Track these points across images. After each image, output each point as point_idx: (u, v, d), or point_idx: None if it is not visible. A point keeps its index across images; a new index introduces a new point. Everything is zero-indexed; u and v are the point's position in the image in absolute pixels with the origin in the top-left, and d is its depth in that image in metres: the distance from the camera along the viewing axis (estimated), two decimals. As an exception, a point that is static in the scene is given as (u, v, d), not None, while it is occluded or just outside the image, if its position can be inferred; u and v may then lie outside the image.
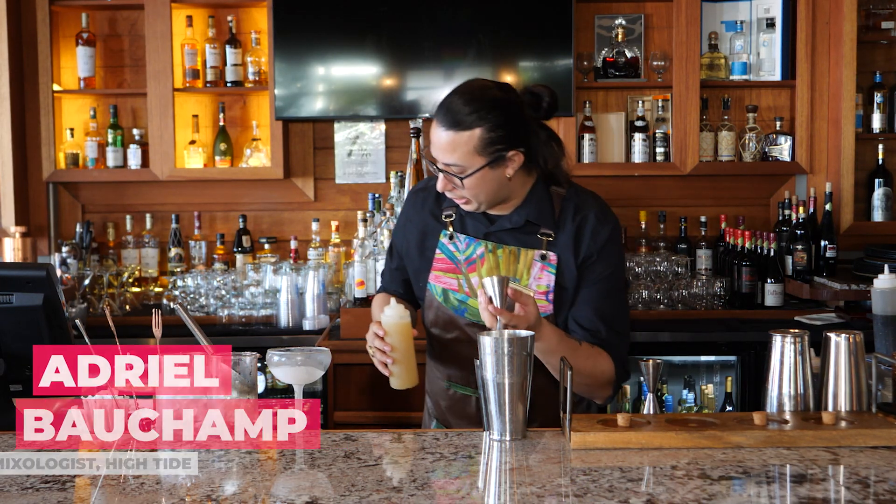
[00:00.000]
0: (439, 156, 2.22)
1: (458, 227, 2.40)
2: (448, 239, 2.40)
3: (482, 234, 2.36)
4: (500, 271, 2.32)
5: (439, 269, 2.41)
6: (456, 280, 2.38)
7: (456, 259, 2.39)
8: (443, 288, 2.39)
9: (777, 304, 4.13)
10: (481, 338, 1.94)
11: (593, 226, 2.31)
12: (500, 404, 1.93)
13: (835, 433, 1.88)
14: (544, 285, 2.30)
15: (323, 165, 4.58)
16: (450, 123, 2.19)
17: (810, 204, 4.32)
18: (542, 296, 2.30)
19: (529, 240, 2.33)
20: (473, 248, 2.37)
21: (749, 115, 4.45)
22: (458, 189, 2.26)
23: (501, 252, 2.34)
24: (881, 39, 4.44)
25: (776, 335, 2.06)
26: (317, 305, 3.94)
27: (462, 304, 2.37)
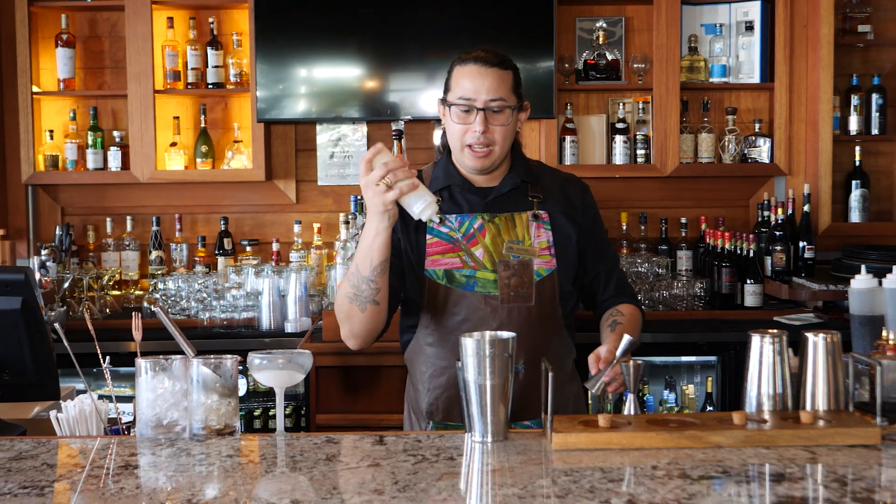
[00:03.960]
0: (484, 93, 2.39)
1: (451, 209, 2.50)
2: (438, 223, 2.47)
3: (481, 206, 2.49)
4: (502, 238, 2.46)
5: (435, 252, 2.46)
6: (458, 258, 2.45)
7: (452, 239, 2.46)
8: (444, 270, 2.44)
9: (756, 305, 4.15)
10: (463, 339, 1.94)
11: (581, 186, 2.60)
12: (482, 406, 1.93)
13: (813, 432, 1.89)
14: (545, 241, 2.49)
15: (305, 167, 4.58)
16: (493, 61, 2.40)
17: (789, 205, 4.35)
18: (545, 251, 2.48)
19: (521, 203, 2.51)
20: (469, 223, 2.47)
21: (728, 118, 4.47)
22: (492, 132, 2.42)
23: (499, 220, 2.49)
24: (858, 42, 4.47)
25: (755, 335, 2.07)
26: (299, 308, 3.93)
27: (471, 279, 2.44)
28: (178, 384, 1.98)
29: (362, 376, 3.65)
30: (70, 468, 1.83)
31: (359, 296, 2.34)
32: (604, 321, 2.56)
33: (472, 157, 2.45)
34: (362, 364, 3.63)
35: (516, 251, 2.45)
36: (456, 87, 2.43)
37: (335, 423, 3.59)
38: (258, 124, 4.30)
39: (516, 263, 2.44)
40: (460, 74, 2.43)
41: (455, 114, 2.43)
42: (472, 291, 2.43)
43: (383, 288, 2.34)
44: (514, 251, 2.45)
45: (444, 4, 4.22)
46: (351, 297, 2.36)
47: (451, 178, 2.52)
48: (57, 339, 2.25)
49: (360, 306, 2.35)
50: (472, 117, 2.42)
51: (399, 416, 3.61)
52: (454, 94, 2.43)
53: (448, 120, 2.46)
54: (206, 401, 1.99)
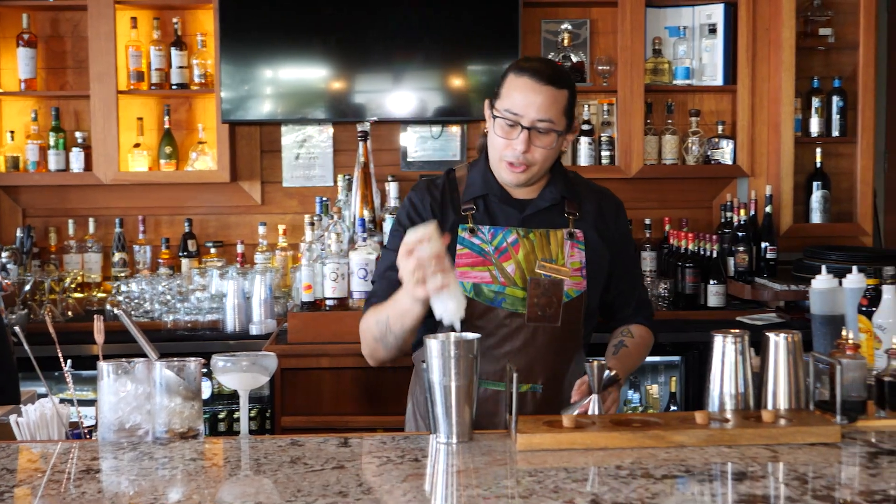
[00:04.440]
0: (533, 111, 2.30)
1: (484, 220, 2.42)
2: (469, 233, 2.40)
3: (518, 220, 2.42)
4: (535, 255, 2.38)
5: (465, 264, 2.38)
6: (488, 272, 2.37)
7: (483, 251, 2.38)
8: (473, 283, 2.37)
9: (719, 305, 4.19)
10: (427, 341, 1.95)
11: (616, 203, 2.55)
12: (447, 407, 1.93)
13: (774, 431, 1.91)
14: (577, 262, 2.41)
15: (270, 169, 4.56)
16: (549, 78, 2.30)
17: (751, 206, 4.38)
18: (577, 272, 2.41)
19: (557, 220, 2.44)
20: (503, 237, 2.40)
21: (692, 119, 4.50)
22: (533, 152, 2.33)
23: (534, 236, 2.41)
24: (819, 45, 4.52)
25: (717, 335, 2.08)
26: (264, 310, 3.91)
27: (499, 295, 2.37)
28: (141, 387, 1.97)
29: (327, 378, 3.64)
30: (30, 473, 1.81)
31: (385, 340, 2.31)
32: (612, 338, 2.54)
33: (509, 171, 2.36)
34: (327, 366, 3.61)
35: (549, 270, 2.38)
36: (505, 97, 2.32)
37: (300, 426, 3.58)
38: (223, 125, 4.28)
39: (547, 283, 2.36)
40: (513, 85, 2.32)
41: (499, 125, 2.33)
42: (500, 307, 2.36)
43: (409, 340, 2.31)
44: (546, 270, 2.37)
45: (410, 6, 4.21)
46: (376, 338, 2.33)
47: (488, 187, 2.42)
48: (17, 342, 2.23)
49: (385, 348, 2.33)
50: (515, 133, 2.32)
51: (366, 417, 3.63)
52: (503, 103, 2.33)
53: (491, 127, 2.37)
54: (169, 404, 1.97)
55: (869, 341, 2.52)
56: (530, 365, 2.38)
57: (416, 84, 4.25)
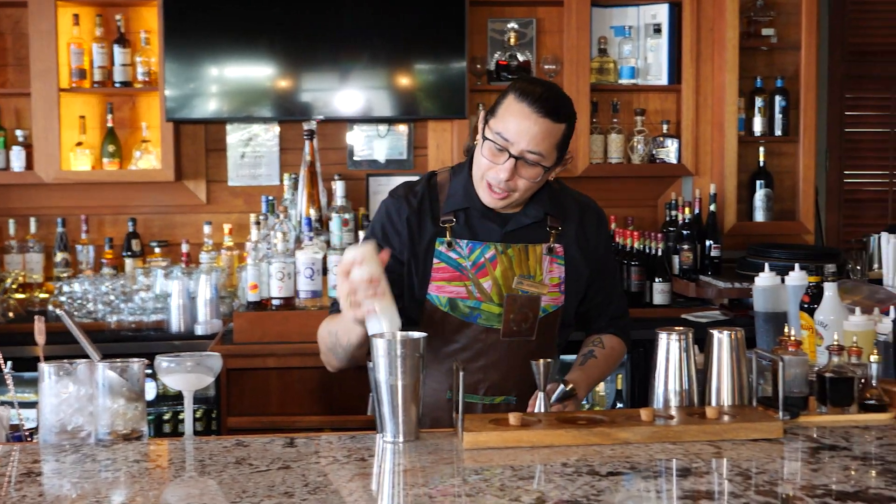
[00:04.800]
0: (525, 141, 2.23)
1: (463, 233, 2.37)
2: (446, 247, 2.35)
3: (498, 235, 2.37)
4: (513, 271, 2.35)
5: (441, 278, 2.34)
6: (464, 287, 2.34)
7: (460, 266, 2.34)
8: (448, 297, 2.34)
9: (665, 303, 4.23)
10: (374, 340, 1.94)
11: (599, 217, 2.51)
12: (394, 406, 1.93)
13: (718, 427, 1.93)
14: (556, 277, 2.39)
15: (215, 167, 4.52)
16: (548, 111, 2.23)
17: (696, 205, 4.43)
18: (555, 288, 2.39)
19: (538, 234, 2.40)
20: (481, 252, 2.35)
21: (637, 119, 4.54)
22: (516, 181, 2.27)
23: (512, 251, 2.37)
24: (762, 45, 4.58)
25: (661, 333, 2.10)
26: (209, 310, 3.88)
27: (475, 311, 2.34)
28: (83, 389, 1.94)
29: (274, 379, 3.61)
30: (-31, 477, 1.77)
31: (335, 352, 2.29)
32: (583, 346, 2.53)
33: (488, 193, 2.31)
34: (274, 366, 3.59)
35: (526, 286, 2.35)
36: (500, 119, 2.25)
37: (246, 427, 3.55)
38: (167, 124, 4.23)
39: (524, 299, 2.35)
40: (510, 109, 2.24)
41: (488, 147, 2.27)
42: (475, 322, 2.35)
43: (361, 355, 2.26)
44: (524, 286, 2.35)
45: (357, 4, 4.20)
46: (329, 348, 2.31)
47: (470, 200, 2.36)
48: (-45, 344, 2.18)
49: (337, 358, 2.31)
50: (502, 158, 2.25)
51: (314, 417, 3.61)
52: (496, 123, 2.25)
53: (480, 145, 2.30)
54: (112, 405, 1.95)
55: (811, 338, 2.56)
56: (505, 378, 2.39)
57: (363, 83, 4.23)
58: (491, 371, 2.38)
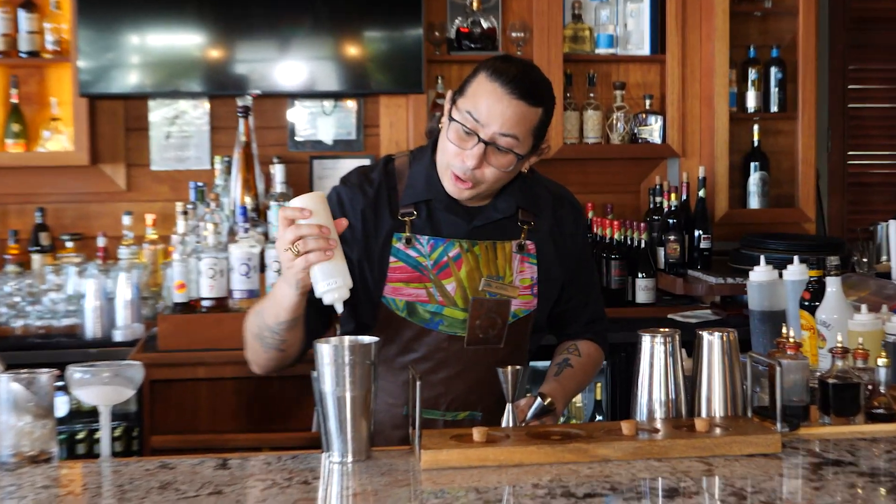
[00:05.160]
0: (495, 125, 2.22)
1: (424, 228, 2.35)
2: (405, 243, 2.34)
3: (464, 231, 2.36)
4: (480, 272, 2.34)
5: (399, 279, 2.33)
6: (424, 290, 2.33)
7: (420, 266, 2.33)
8: (406, 301, 2.32)
9: (649, 301, 4.25)
10: (318, 346, 1.93)
11: (575, 209, 2.53)
12: (341, 421, 1.92)
13: (708, 441, 1.94)
14: (528, 278, 2.39)
15: (137, 150, 4.48)
16: (524, 93, 2.22)
17: (683, 190, 4.46)
18: (526, 291, 2.39)
19: (508, 229, 2.40)
20: (444, 250, 2.34)
21: (616, 93, 4.55)
22: (483, 171, 2.26)
23: (479, 249, 2.36)
24: (755, 11, 4.61)
25: (645, 335, 2.11)
26: (130, 313, 3.85)
27: (436, 316, 2.33)
28: (-18, 405, 1.92)
29: (204, 391, 3.60)
30: None
31: (262, 337, 2.26)
32: (557, 354, 2.54)
33: (453, 183, 2.29)
34: (204, 377, 3.58)
35: (495, 289, 2.35)
36: (469, 99, 2.24)
37: (173, 446, 3.52)
38: (81, 99, 4.19)
39: (492, 303, 2.35)
40: (481, 89, 2.24)
41: (455, 130, 2.25)
42: (436, 329, 2.34)
43: (290, 340, 2.25)
44: (492, 289, 2.35)
45: (297, -37, 4.18)
46: (255, 335, 2.28)
47: (433, 191, 2.35)
48: None
49: (263, 348, 2.28)
50: (470, 143, 2.23)
51: (251, 435, 3.59)
52: (465, 103, 2.24)
53: (446, 128, 2.28)
54: (17, 423, 1.93)
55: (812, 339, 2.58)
56: (469, 390, 2.39)
57: (306, 53, 4.21)
58: (454, 383, 2.38)
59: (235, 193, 4.04)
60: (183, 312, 3.65)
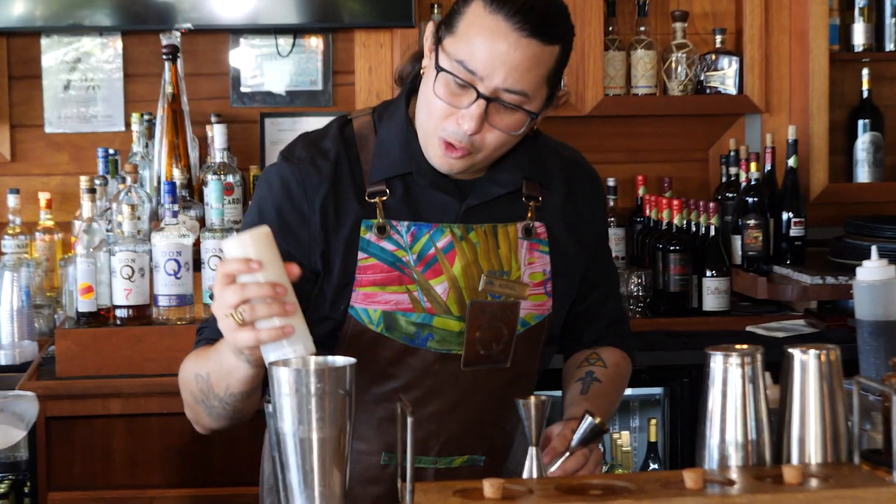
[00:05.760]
0: (499, 75, 2.18)
1: (401, 211, 2.34)
2: (377, 233, 2.32)
3: (455, 213, 2.35)
4: (479, 266, 2.33)
5: (371, 282, 2.31)
6: (406, 295, 2.31)
7: (399, 262, 2.32)
8: (383, 311, 2.31)
9: (721, 308, 4.24)
10: (274, 370, 1.92)
11: (592, 179, 2.56)
12: (306, 472, 1.92)
13: (802, 497, 1.95)
14: (539, 272, 2.39)
15: (25, 105, 4.50)
16: (536, 27, 2.18)
17: (767, 159, 4.45)
18: (538, 288, 2.38)
19: (509, 207, 2.39)
20: (429, 239, 2.33)
21: (676, 27, 4.55)
22: (484, 136, 2.24)
23: (476, 236, 2.35)
24: (865, -87, 4.61)
25: (715, 354, 2.11)
26: (17, 326, 3.85)
27: (424, 330, 2.32)
28: None
29: (120, 432, 3.60)
30: None
31: (208, 406, 2.25)
32: (575, 368, 2.53)
33: (442, 152, 2.26)
34: (119, 413, 3.58)
35: (499, 289, 2.34)
36: (462, 39, 2.21)
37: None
38: (-53, 37, 4.22)
39: (497, 308, 2.33)
40: (477, 24, 2.19)
41: (443, 82, 2.22)
42: (424, 347, 2.33)
43: (247, 409, 2.25)
44: (495, 289, 2.34)
45: None
46: (197, 398, 2.26)
47: (411, 161, 2.34)
48: None
49: (210, 416, 2.27)
50: (465, 99, 2.21)
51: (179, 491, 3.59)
52: (456, 46, 2.21)
53: (430, 79, 2.25)
54: None
55: (941, 359, 2.58)
56: (467, 428, 2.40)
57: (254, -28, 4.23)
58: (448, 419, 2.38)
59: (160, 165, 4.04)
60: (90, 326, 3.65)
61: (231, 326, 2.00)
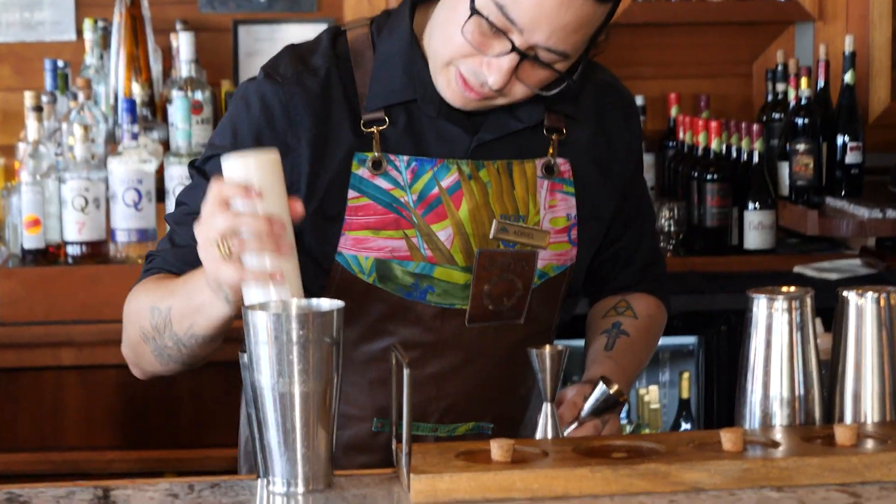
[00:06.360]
0: (542, 32, 2.15)
1: (401, 144, 2.33)
2: (371, 169, 2.31)
3: (465, 147, 2.34)
4: (491, 209, 2.33)
5: (362, 225, 2.30)
6: (404, 240, 2.31)
7: (397, 203, 2.31)
8: (376, 259, 2.31)
9: (765, 246, 4.25)
10: (251, 314, 1.92)
11: (626, 103, 2.53)
12: (286, 431, 1.92)
13: (856, 460, 1.95)
14: (562, 217, 2.38)
15: (-44, 9, 4.50)
16: None
17: (819, 73, 4.45)
18: (560, 235, 2.37)
19: (528, 142, 2.38)
20: (433, 178, 2.32)
21: (715, -86, 4.54)
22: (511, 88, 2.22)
23: (487, 174, 2.34)
24: None
25: (758, 298, 2.11)
26: (-47, 265, 3.87)
27: (424, 281, 2.32)
28: None
29: (72, 386, 3.62)
30: None
31: (160, 347, 2.24)
32: (598, 318, 2.55)
33: (458, 88, 2.23)
34: (72, 364, 3.59)
35: (513, 236, 2.33)
36: None
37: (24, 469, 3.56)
38: None
39: (510, 258, 2.33)
40: None
41: (475, 24, 2.17)
42: (423, 301, 2.33)
43: (203, 356, 2.25)
44: (509, 236, 2.33)
45: None
46: (147, 336, 2.25)
47: (416, 86, 2.32)
48: None
49: (159, 359, 2.27)
50: (495, 47, 2.18)
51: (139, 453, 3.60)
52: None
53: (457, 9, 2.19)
54: None
55: None
56: (473, 393, 2.41)
57: None
58: (450, 382, 2.39)
59: (117, 80, 4.04)
60: (37, 265, 3.66)
61: (214, 256, 1.99)
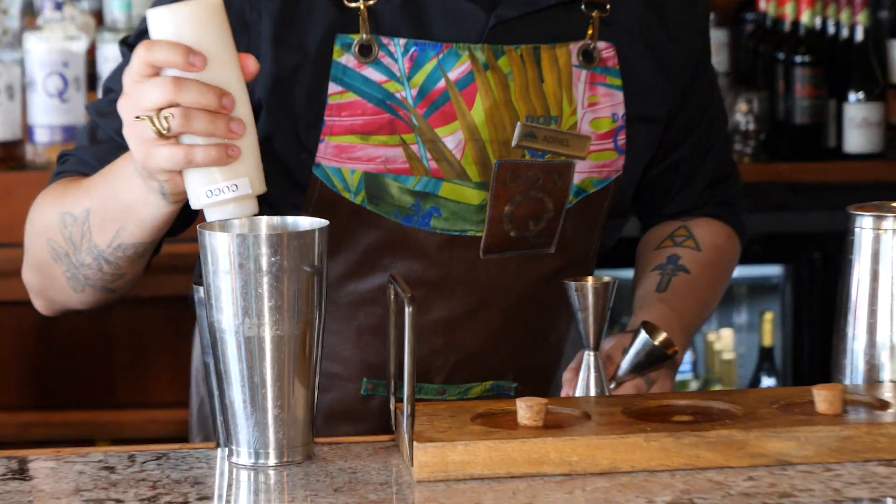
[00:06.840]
0: None
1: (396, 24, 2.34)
2: (357, 54, 2.32)
3: (479, 29, 2.34)
4: (514, 108, 2.33)
5: (347, 128, 2.32)
6: (400, 148, 2.32)
7: (392, 98, 2.33)
8: (364, 173, 2.32)
9: (872, 150, 4.26)
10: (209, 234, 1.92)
11: None
12: (253, 386, 1.93)
13: None
14: (607, 118, 2.39)
15: None
16: None
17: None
18: (604, 141, 2.37)
19: (562, 22, 2.38)
20: (437, 66, 2.33)
21: None
22: None
23: (507, 63, 2.34)
24: None
25: (862, 217, 2.11)
26: None
27: (426, 201, 2.34)
28: None
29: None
30: None
31: (75, 266, 2.26)
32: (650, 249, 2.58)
33: None
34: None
35: (542, 143, 2.34)
36: None
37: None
38: None
39: (538, 171, 2.34)
40: None
41: None
42: (427, 228, 2.36)
43: (129, 276, 2.28)
44: (536, 142, 2.34)
45: None
46: (57, 254, 2.28)
47: None
48: None
49: (74, 284, 2.29)
50: None
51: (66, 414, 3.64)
52: None
53: None
54: None
55: None
56: (490, 343, 2.43)
57: None
58: (461, 330, 2.42)
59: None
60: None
61: (146, 137, 1.98)
